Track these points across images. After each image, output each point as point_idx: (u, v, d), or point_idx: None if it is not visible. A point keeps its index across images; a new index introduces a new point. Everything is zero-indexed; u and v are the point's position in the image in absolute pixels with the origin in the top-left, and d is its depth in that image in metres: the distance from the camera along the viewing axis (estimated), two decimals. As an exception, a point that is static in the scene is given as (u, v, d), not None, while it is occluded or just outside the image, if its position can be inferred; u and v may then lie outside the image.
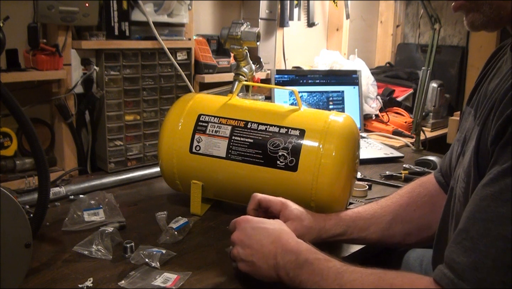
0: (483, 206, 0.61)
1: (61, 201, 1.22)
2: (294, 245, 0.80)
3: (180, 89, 1.60)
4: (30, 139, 0.86)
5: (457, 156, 0.84)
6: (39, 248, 0.97)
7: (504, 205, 0.58)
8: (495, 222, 0.59)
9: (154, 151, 1.54)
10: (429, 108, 2.27)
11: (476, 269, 0.58)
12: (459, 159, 0.82)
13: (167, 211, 1.12)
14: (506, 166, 0.60)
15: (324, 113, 1.11)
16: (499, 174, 0.60)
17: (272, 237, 0.82)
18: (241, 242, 0.84)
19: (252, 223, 0.86)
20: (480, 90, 0.82)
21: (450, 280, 0.60)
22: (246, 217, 0.88)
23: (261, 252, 0.81)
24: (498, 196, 0.59)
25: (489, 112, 0.68)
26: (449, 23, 2.61)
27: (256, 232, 0.84)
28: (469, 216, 0.62)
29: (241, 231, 0.85)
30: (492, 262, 0.57)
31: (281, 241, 0.81)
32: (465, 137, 0.81)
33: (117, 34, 1.44)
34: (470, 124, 0.80)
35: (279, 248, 0.80)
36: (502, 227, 0.58)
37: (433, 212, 0.96)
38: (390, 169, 1.57)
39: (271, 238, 0.82)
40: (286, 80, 1.95)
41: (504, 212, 0.58)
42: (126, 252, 0.95)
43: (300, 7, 2.21)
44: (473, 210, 0.62)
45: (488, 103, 0.71)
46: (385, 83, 2.38)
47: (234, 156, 1.07)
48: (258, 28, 1.31)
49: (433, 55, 1.81)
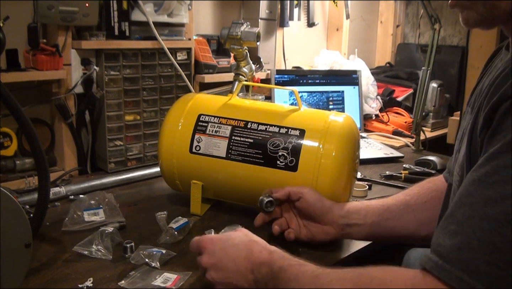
0: (470, 190, 0.60)
1: (61, 201, 1.22)
2: (266, 256, 0.78)
3: (180, 89, 1.60)
4: (30, 139, 0.86)
5: (454, 154, 0.85)
6: (39, 248, 0.97)
7: (490, 187, 0.58)
8: (480, 203, 0.58)
9: (154, 151, 1.54)
10: (429, 108, 2.27)
11: (460, 249, 0.58)
12: (456, 156, 0.83)
13: (167, 211, 1.12)
14: (492, 150, 0.59)
15: (324, 113, 1.11)
16: (485, 158, 0.60)
17: (243, 252, 0.79)
18: (214, 265, 0.80)
19: (219, 243, 0.81)
20: (477, 89, 0.82)
21: (434, 262, 0.60)
22: (209, 237, 0.84)
23: (237, 271, 0.78)
24: (483, 179, 0.59)
25: (480, 105, 0.69)
26: (449, 23, 2.61)
27: (227, 252, 0.80)
28: (456, 201, 0.62)
29: (210, 255, 0.81)
30: (477, 242, 0.57)
31: (254, 254, 0.78)
32: (462, 135, 0.82)
33: (117, 34, 1.44)
34: (467, 122, 0.81)
35: (253, 263, 0.78)
36: (487, 208, 0.57)
37: (440, 206, 0.97)
38: (390, 169, 1.57)
39: (243, 253, 0.79)
40: (286, 80, 1.95)
41: (489, 194, 0.58)
42: (126, 252, 0.95)
43: (300, 7, 2.21)
44: (460, 195, 0.62)
45: (480, 97, 0.71)
46: (385, 83, 2.38)
47: (234, 156, 1.07)
48: (258, 28, 1.31)
49: (433, 55, 1.81)
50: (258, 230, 0.97)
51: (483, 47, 1.98)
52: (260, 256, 0.78)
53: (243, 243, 0.81)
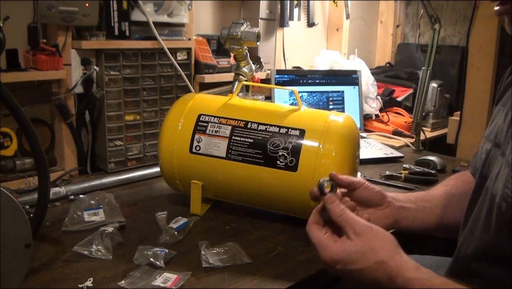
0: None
1: (61, 201, 1.22)
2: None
3: (180, 89, 1.60)
4: (30, 139, 0.86)
5: (486, 153, 0.82)
6: (39, 248, 0.97)
7: None
8: None
9: (154, 151, 1.54)
10: (429, 108, 2.27)
11: None
12: (495, 157, 0.79)
13: (167, 211, 1.12)
14: None
15: (324, 113, 1.11)
16: None
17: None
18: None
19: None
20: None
21: None
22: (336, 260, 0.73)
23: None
24: None
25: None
26: (449, 23, 2.61)
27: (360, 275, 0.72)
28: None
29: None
30: None
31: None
32: (496, 135, 0.81)
33: (117, 34, 1.44)
34: (500, 123, 0.80)
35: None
36: None
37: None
38: (390, 169, 1.57)
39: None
40: (286, 80, 1.95)
41: None
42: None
43: (300, 7, 2.21)
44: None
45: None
46: (385, 83, 2.38)
47: (234, 156, 1.07)
48: (258, 28, 1.31)
49: (433, 55, 1.81)
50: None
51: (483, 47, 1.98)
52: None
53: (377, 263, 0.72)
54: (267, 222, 1.13)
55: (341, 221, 0.74)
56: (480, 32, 1.98)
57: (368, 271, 0.71)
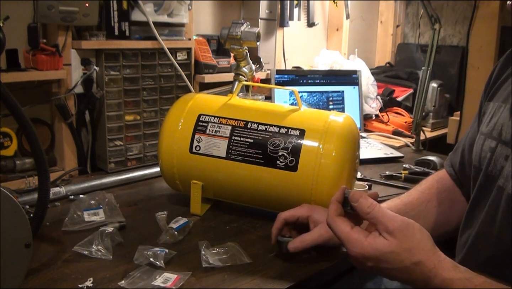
0: None
1: (61, 201, 1.22)
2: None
3: (180, 89, 1.60)
4: (30, 139, 0.86)
5: (491, 151, 0.81)
6: (39, 248, 0.97)
7: None
8: None
9: (154, 151, 1.54)
10: (429, 108, 2.27)
11: None
12: (502, 155, 0.78)
13: (167, 211, 1.12)
14: None
15: (324, 113, 1.11)
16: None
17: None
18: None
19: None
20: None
21: None
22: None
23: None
24: None
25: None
26: (449, 23, 2.61)
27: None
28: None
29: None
30: None
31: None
32: (500, 133, 0.80)
33: (117, 34, 1.44)
34: (504, 120, 0.80)
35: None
36: None
37: (452, 207, 0.97)
38: (390, 169, 1.57)
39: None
40: (286, 80, 1.95)
41: None
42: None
43: (300, 7, 2.21)
44: None
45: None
46: (385, 83, 2.38)
47: (234, 156, 1.07)
48: (258, 28, 1.31)
49: (433, 55, 1.81)
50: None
51: (483, 47, 1.98)
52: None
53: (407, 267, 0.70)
54: (267, 222, 1.12)
55: (370, 219, 0.71)
56: (480, 32, 1.98)
57: (403, 271, 0.69)
